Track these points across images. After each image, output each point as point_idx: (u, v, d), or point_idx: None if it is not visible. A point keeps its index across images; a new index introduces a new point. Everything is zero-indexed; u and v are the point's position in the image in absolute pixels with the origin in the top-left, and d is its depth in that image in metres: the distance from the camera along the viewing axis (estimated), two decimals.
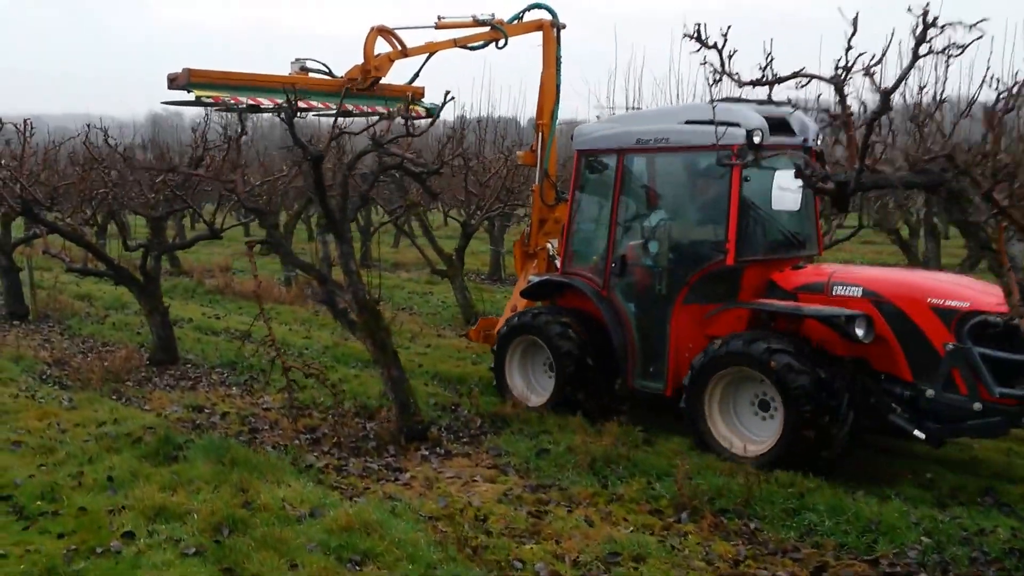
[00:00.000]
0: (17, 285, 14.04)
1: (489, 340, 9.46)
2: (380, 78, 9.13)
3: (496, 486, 6.53)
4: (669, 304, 7.53)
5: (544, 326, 8.14)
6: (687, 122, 7.25)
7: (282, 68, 9.23)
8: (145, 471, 6.57)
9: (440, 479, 6.69)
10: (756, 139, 6.56)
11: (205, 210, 12.36)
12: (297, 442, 7.61)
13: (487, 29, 9.51)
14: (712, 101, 6.00)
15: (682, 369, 7.33)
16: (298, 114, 8.86)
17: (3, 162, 9.68)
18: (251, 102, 8.43)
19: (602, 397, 8.02)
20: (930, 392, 6.31)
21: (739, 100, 6.98)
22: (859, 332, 6.50)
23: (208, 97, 8.28)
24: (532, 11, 9.74)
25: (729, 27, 4.20)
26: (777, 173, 7.27)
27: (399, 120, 8.57)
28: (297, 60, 9.32)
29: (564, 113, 10.55)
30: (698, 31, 4.19)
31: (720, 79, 4.24)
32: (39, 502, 6.09)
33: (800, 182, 6.67)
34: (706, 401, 6.98)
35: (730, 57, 4.16)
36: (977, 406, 6.11)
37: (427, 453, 7.27)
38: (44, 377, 9.99)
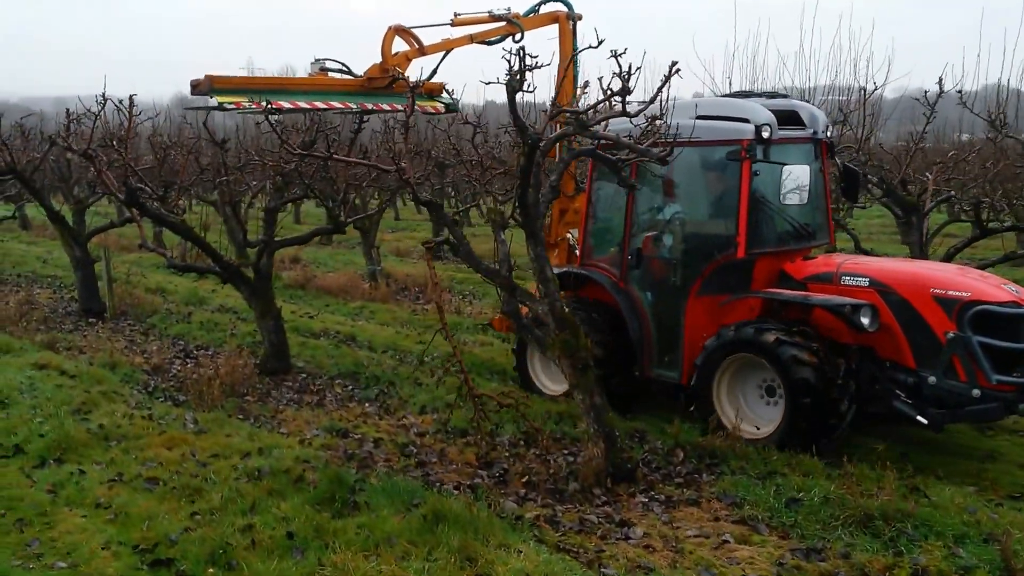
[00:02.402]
0: (92, 279, 12.93)
1: (512, 330, 9.28)
2: (399, 76, 8.98)
3: (758, 550, 5.30)
4: (684, 295, 7.71)
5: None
6: (699, 117, 7.03)
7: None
8: (327, 524, 5.39)
9: (682, 539, 5.46)
10: (765, 134, 6.95)
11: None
12: (479, 480, 6.43)
13: (503, 24, 9.48)
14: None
15: (697, 358, 7.44)
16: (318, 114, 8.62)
17: (110, 144, 8.45)
18: (273, 106, 8.15)
19: (620, 385, 8.02)
20: (932, 379, 6.56)
21: (748, 94, 7.15)
22: (864, 321, 6.71)
23: (230, 103, 8.24)
24: (548, 4, 9.73)
25: None
26: (785, 167, 7.40)
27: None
28: (317, 60, 9.34)
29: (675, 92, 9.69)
30: None
31: None
32: (211, 569, 4.93)
33: (807, 175, 7.57)
34: (715, 384, 7.24)
35: None
36: (976, 392, 6.38)
37: (646, 500, 6.05)
38: (150, 389, 8.85)
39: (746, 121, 7.02)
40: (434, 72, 9.47)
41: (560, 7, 9.71)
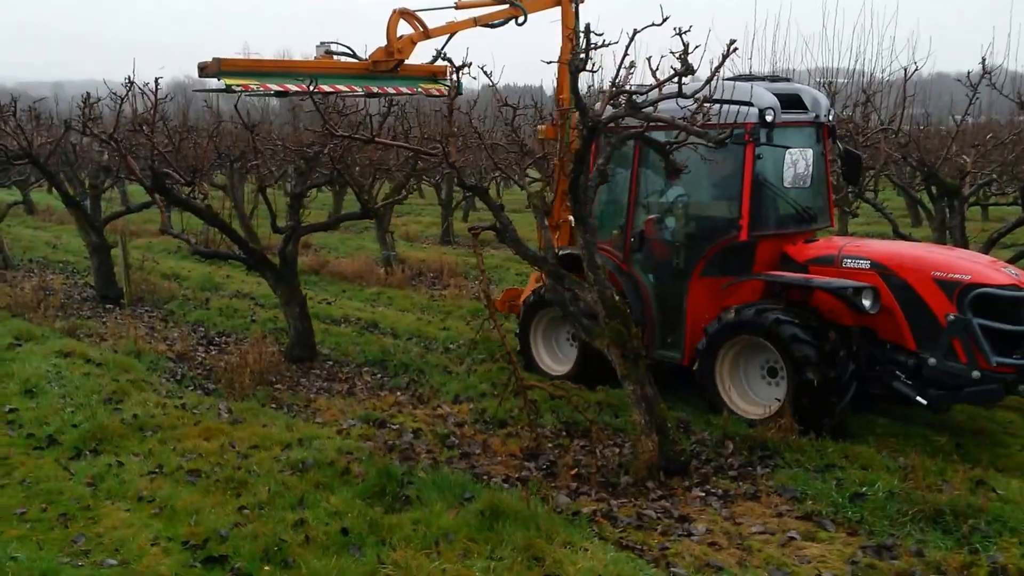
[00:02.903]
0: (108, 265, 12.73)
1: (514, 310, 9.75)
2: (404, 60, 9.12)
3: (827, 548, 5.13)
4: (686, 277, 7.78)
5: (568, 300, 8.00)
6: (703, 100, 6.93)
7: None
8: (381, 519, 5.22)
9: (746, 535, 5.30)
10: (768, 118, 6.94)
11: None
12: (527, 472, 6.27)
13: (506, 7, 9.47)
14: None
15: (699, 339, 7.48)
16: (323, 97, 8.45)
17: (138, 128, 8.22)
18: (279, 88, 8.29)
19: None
20: (932, 360, 6.62)
21: (751, 78, 7.08)
22: (866, 303, 6.76)
23: (238, 85, 8.20)
24: None
25: None
26: (788, 151, 7.42)
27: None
28: (322, 44, 9.32)
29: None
30: None
31: None
32: (267, 566, 4.76)
33: (809, 158, 7.63)
34: (717, 366, 7.30)
35: None
36: (976, 374, 6.42)
37: (702, 494, 5.89)
38: (178, 378, 8.67)
39: (750, 105, 6.96)
40: (438, 54, 9.51)
41: None
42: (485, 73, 6.84)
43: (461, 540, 4.96)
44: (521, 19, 9.54)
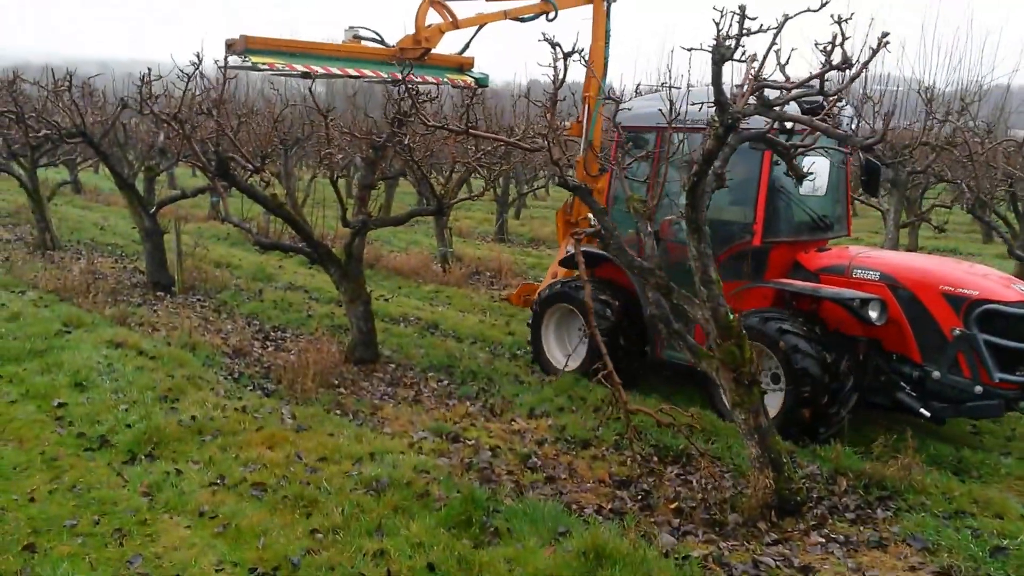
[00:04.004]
0: (161, 251, 12.31)
1: (529, 304, 9.86)
2: (431, 48, 9.10)
3: None
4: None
5: (579, 294, 8.05)
6: None
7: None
8: (470, 555, 4.67)
9: None
10: (788, 124, 6.47)
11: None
12: (621, 503, 5.68)
13: (537, 1, 9.38)
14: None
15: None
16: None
17: (206, 111, 7.72)
18: (305, 69, 8.19)
19: (632, 364, 8.21)
20: (936, 373, 6.70)
21: (773, 84, 6.35)
22: (873, 315, 6.76)
23: (264, 64, 8.08)
24: None
25: None
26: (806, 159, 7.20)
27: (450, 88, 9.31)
28: (351, 28, 9.21)
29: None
30: None
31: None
32: None
33: (827, 167, 7.63)
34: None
35: None
36: (978, 389, 6.48)
37: (822, 540, 5.26)
38: (236, 376, 8.18)
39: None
40: (467, 45, 9.60)
41: None
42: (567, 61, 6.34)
43: None
44: (552, 15, 9.47)
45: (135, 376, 7.53)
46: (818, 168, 7.34)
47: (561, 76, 5.73)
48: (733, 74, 12.43)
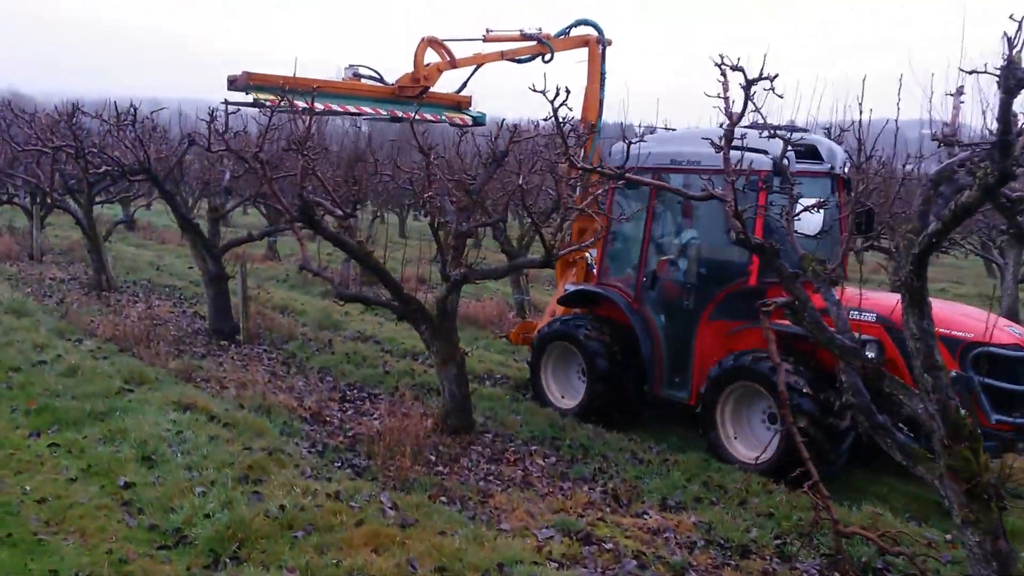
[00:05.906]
0: (225, 297, 11.49)
1: (528, 342, 9.80)
2: (429, 87, 9.42)
3: None
4: (695, 319, 8.01)
5: (577, 332, 8.60)
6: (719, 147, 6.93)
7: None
8: None
9: None
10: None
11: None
12: None
13: (534, 43, 9.67)
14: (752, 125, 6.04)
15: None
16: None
17: (294, 148, 6.82)
18: (306, 105, 7.80)
19: (630, 403, 8.49)
20: None
21: (768, 126, 6.83)
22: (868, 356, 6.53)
23: (266, 99, 8.17)
24: (578, 27, 9.95)
25: None
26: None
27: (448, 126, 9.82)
28: (351, 66, 9.50)
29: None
30: None
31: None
32: None
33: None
34: (718, 410, 7.45)
35: None
36: None
37: None
38: (320, 449, 7.19)
39: (765, 153, 6.96)
40: (464, 85, 9.92)
41: (591, 31, 9.90)
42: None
43: None
44: (548, 56, 9.72)
45: (210, 449, 6.58)
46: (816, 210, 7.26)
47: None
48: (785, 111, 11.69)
